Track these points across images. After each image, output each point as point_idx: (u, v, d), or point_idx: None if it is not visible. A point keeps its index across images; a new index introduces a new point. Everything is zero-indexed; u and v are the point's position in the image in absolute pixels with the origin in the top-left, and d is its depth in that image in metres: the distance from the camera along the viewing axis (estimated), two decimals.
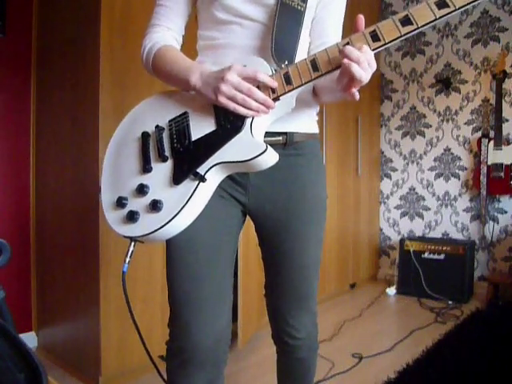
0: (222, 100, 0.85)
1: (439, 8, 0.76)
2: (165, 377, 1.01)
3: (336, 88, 0.86)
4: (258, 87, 0.86)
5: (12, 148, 2.18)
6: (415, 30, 0.78)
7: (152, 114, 0.98)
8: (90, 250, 1.83)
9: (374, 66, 0.80)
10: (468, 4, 0.76)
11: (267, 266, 1.09)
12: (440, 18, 0.77)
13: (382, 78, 3.79)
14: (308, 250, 1.05)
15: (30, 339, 2.20)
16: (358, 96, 0.82)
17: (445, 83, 3.42)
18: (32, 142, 2.24)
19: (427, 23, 0.78)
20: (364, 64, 0.77)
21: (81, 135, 1.92)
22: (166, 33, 1.02)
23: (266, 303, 1.13)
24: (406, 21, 0.78)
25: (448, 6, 0.76)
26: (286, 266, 1.04)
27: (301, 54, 1.00)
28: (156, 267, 1.93)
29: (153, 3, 1.06)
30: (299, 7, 0.96)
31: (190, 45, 1.10)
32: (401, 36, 0.79)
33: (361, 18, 0.81)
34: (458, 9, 0.76)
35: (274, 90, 0.86)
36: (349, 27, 0.92)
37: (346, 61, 0.77)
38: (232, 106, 0.85)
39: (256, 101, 0.85)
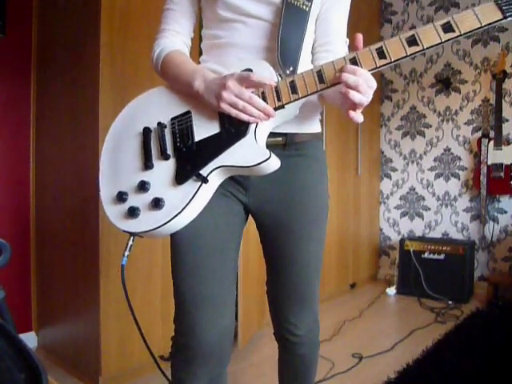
0: (224, 106, 0.86)
1: (445, 32, 0.78)
2: (165, 373, 1.02)
3: (340, 105, 0.88)
4: (263, 93, 0.87)
5: (12, 147, 2.18)
6: (420, 51, 0.79)
7: (154, 108, 0.98)
8: (90, 249, 1.83)
9: (374, 85, 0.81)
10: (473, 31, 0.77)
11: (268, 264, 1.10)
12: (445, 41, 0.78)
13: (382, 78, 3.79)
14: (309, 250, 1.05)
15: (30, 339, 2.20)
16: (361, 119, 0.82)
17: (445, 83, 3.42)
18: (32, 141, 2.25)
19: (433, 45, 0.79)
20: (363, 87, 0.79)
21: (81, 134, 1.92)
22: (174, 37, 1.04)
23: (268, 300, 1.14)
24: (412, 41, 0.79)
25: (453, 31, 0.77)
26: (287, 265, 1.05)
27: (305, 55, 1.00)
28: (156, 267, 1.93)
29: (153, 3, 1.06)
30: (304, 7, 0.96)
31: (193, 45, 1.10)
32: (406, 56, 0.80)
33: (359, 38, 0.81)
34: (463, 34, 0.77)
35: (279, 98, 0.87)
36: (351, 31, 0.92)
37: (344, 89, 0.79)
38: (234, 112, 0.86)
39: (257, 108, 0.86)
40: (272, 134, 0.95)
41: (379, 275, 3.80)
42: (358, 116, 0.82)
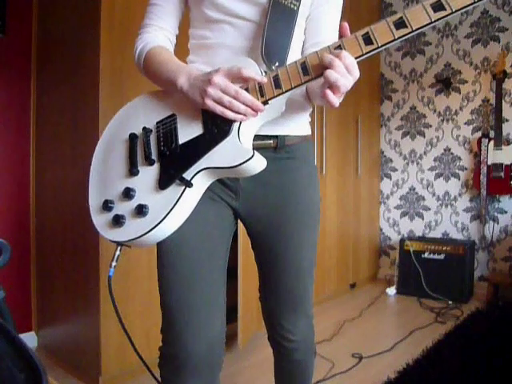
0: (209, 103, 0.83)
1: (435, 11, 0.73)
2: (160, 380, 1.00)
3: (320, 95, 0.84)
4: (246, 90, 0.84)
5: (12, 148, 2.18)
6: (410, 33, 0.75)
7: (140, 114, 0.96)
8: (89, 249, 1.83)
9: (356, 74, 0.77)
10: (465, 7, 0.72)
11: (261, 269, 1.08)
12: (435, 21, 0.74)
13: (382, 77, 3.79)
14: (301, 254, 1.03)
15: (30, 339, 2.20)
16: (336, 103, 0.78)
17: (445, 83, 3.42)
18: (32, 141, 2.24)
19: (422, 26, 0.74)
20: (339, 68, 0.75)
21: (81, 135, 1.92)
22: (158, 33, 1.01)
23: (261, 306, 1.12)
24: (400, 23, 0.75)
25: (444, 9, 0.73)
26: (280, 270, 1.03)
27: (294, 54, 0.98)
28: (156, 267, 1.93)
29: None
30: (292, 6, 0.94)
31: (182, 44, 1.09)
32: (394, 39, 0.76)
33: (345, 27, 0.78)
34: (455, 12, 0.73)
35: (262, 94, 0.84)
36: (351, 31, 0.91)
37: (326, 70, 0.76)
38: (219, 109, 0.83)
39: (244, 103, 0.82)
40: (262, 137, 0.94)
41: (379, 275, 3.80)
42: (333, 98, 0.77)
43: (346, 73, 0.76)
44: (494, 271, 3.22)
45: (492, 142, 3.09)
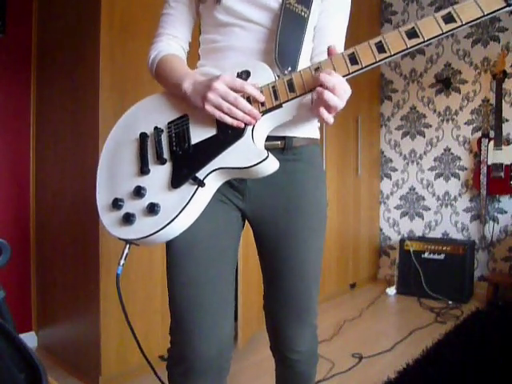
0: (208, 108, 0.85)
1: (446, 23, 0.76)
2: (162, 378, 0.99)
3: (312, 111, 0.86)
4: (260, 93, 0.86)
5: (12, 148, 2.18)
6: (421, 43, 0.78)
7: (151, 114, 0.97)
8: (90, 249, 1.83)
9: (349, 91, 0.80)
10: (475, 20, 0.75)
11: (266, 276, 1.07)
12: (446, 32, 0.77)
13: (382, 77, 3.79)
14: (308, 259, 1.02)
15: (30, 339, 2.20)
16: (331, 120, 0.81)
17: (445, 83, 3.42)
18: (32, 142, 2.25)
19: (434, 37, 0.77)
20: (339, 91, 0.77)
21: (81, 136, 1.92)
22: (171, 41, 1.04)
23: (265, 315, 1.11)
24: (412, 33, 0.77)
25: (455, 21, 0.76)
26: (286, 275, 1.02)
27: (304, 60, 0.99)
28: (156, 267, 1.93)
29: (152, 3, 1.06)
30: (303, 13, 0.96)
31: (193, 52, 1.10)
32: (407, 49, 0.78)
33: (333, 48, 0.82)
34: (465, 24, 0.76)
35: (277, 97, 0.85)
36: (351, 31, 0.92)
37: (319, 89, 0.78)
38: (218, 114, 0.85)
39: (242, 111, 0.84)
40: (270, 138, 0.94)
41: (379, 275, 3.80)
42: (329, 118, 0.81)
43: (343, 93, 0.79)
44: (494, 271, 3.22)
45: (492, 142, 3.09)
